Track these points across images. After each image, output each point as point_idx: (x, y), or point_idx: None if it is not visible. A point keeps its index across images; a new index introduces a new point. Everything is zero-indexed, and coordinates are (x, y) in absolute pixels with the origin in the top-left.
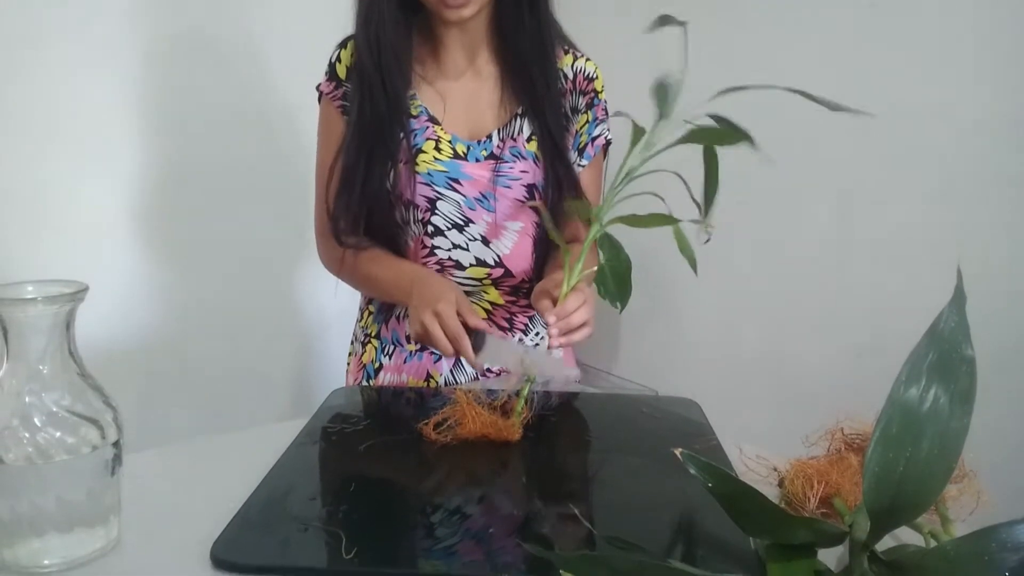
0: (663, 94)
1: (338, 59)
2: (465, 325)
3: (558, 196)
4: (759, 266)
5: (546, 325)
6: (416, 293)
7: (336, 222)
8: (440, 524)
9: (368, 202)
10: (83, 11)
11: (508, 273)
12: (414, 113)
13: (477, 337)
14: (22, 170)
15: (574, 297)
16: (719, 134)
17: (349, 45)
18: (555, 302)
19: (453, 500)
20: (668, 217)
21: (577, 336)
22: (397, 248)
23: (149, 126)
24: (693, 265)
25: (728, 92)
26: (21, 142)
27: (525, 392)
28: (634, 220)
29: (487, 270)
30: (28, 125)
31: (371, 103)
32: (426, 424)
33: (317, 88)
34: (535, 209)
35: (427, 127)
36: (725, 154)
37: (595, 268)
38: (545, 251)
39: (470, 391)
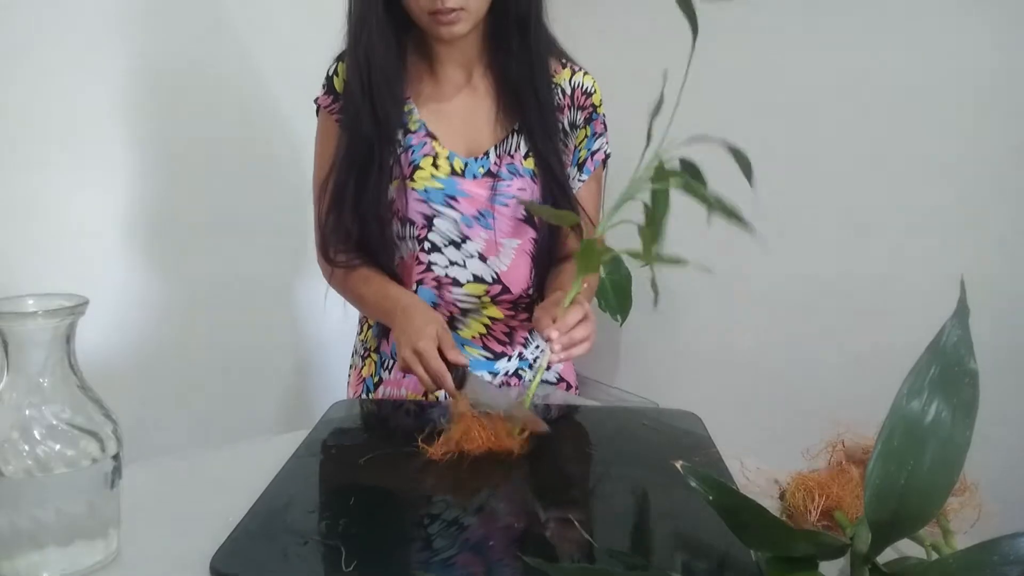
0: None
1: (335, 72)
2: (447, 360)
3: None
4: (760, 279)
5: (547, 340)
6: (399, 326)
7: (326, 240)
8: (439, 536)
9: (360, 219)
10: (81, 24)
11: (506, 289)
12: (412, 128)
13: (457, 372)
14: (21, 184)
15: (574, 310)
16: (682, 181)
17: (346, 58)
18: (555, 320)
19: (452, 512)
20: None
21: (577, 351)
22: (391, 264)
23: (147, 139)
24: (655, 291)
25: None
26: (19, 155)
27: (528, 403)
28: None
29: (485, 287)
30: (25, 138)
31: (359, 125)
32: (427, 440)
33: (315, 101)
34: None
35: (425, 142)
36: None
37: (595, 284)
38: (544, 267)
39: (473, 403)
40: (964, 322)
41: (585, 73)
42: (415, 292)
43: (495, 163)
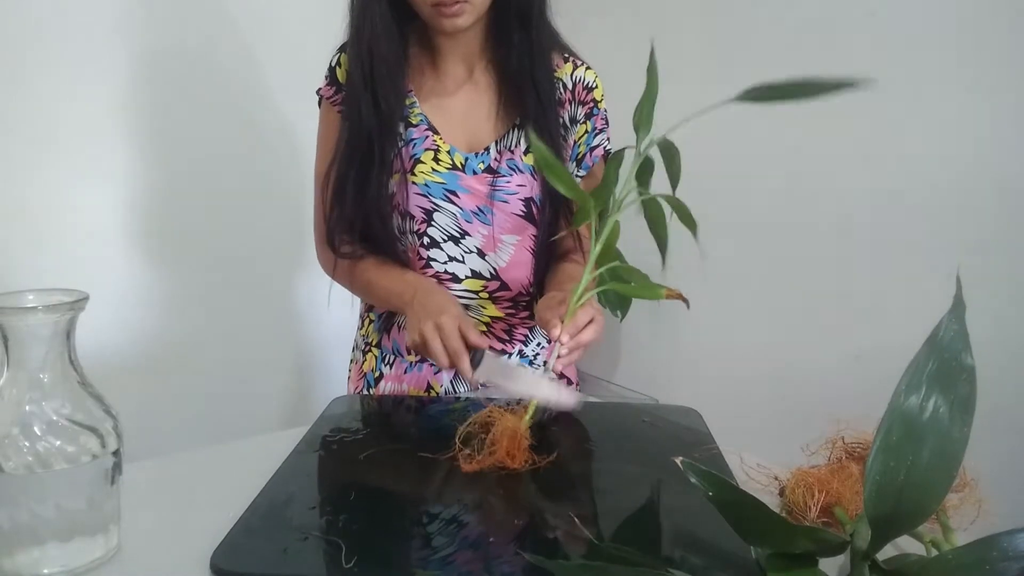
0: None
1: (338, 63)
2: (465, 341)
3: (554, 211)
4: (759, 274)
5: (550, 341)
6: (418, 303)
7: (332, 232)
8: (440, 533)
9: (363, 212)
10: (80, 22)
11: (504, 286)
12: (414, 122)
13: (476, 355)
14: (22, 180)
15: (584, 312)
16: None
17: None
18: (562, 320)
19: (453, 509)
20: (657, 290)
21: (576, 356)
22: (396, 258)
23: (147, 136)
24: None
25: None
26: (20, 152)
27: (532, 408)
28: (625, 288)
29: (483, 282)
30: (26, 135)
31: (360, 118)
32: (459, 448)
33: (317, 92)
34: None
35: (426, 136)
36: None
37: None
38: (544, 264)
39: (490, 385)
40: (960, 317)
41: (587, 68)
42: None
43: (495, 159)
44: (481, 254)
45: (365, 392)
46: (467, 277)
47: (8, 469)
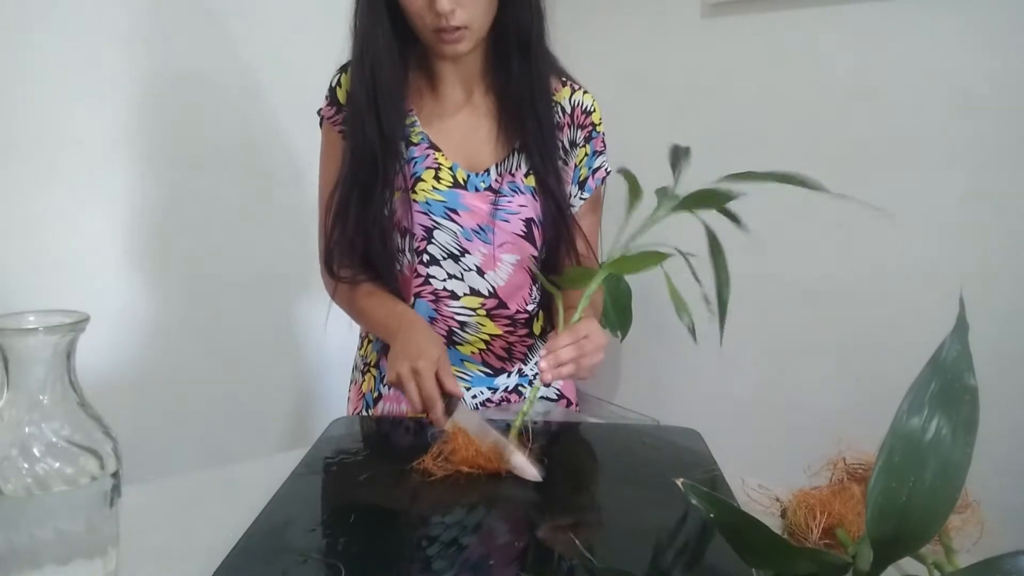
0: (675, 162)
1: (339, 83)
2: (441, 387)
3: (553, 233)
4: (759, 294)
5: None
6: (400, 340)
7: (330, 255)
8: (439, 555)
9: (363, 232)
10: (82, 44)
11: (503, 304)
12: (415, 140)
13: (451, 402)
14: (23, 201)
15: (566, 334)
16: (712, 196)
17: (350, 69)
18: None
19: (452, 531)
20: (658, 254)
21: (565, 371)
22: (394, 278)
23: (148, 158)
24: (692, 331)
25: (733, 178)
26: (21, 173)
27: (519, 423)
28: (624, 264)
29: (481, 300)
30: (27, 157)
31: (363, 138)
32: (421, 462)
33: (318, 112)
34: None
35: (428, 154)
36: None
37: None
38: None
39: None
40: (963, 338)
41: (585, 92)
42: (413, 306)
43: (496, 180)
44: (480, 272)
45: (364, 413)
46: (465, 294)
47: (7, 491)
